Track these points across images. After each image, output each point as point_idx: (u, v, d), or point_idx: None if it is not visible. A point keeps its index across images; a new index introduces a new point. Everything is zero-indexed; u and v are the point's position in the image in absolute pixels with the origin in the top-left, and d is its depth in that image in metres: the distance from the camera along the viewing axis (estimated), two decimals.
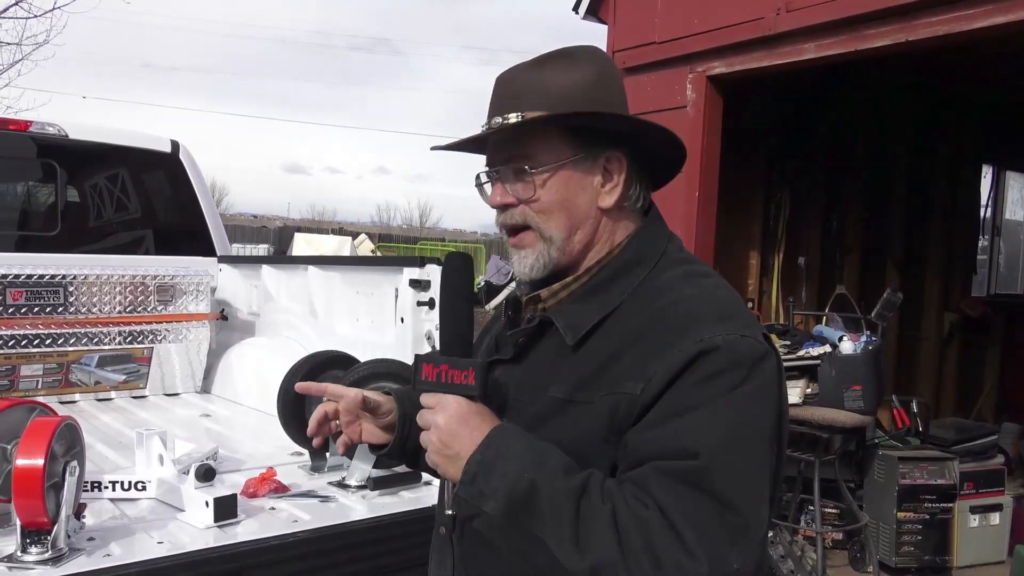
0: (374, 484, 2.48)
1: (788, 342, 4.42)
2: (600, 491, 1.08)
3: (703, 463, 1.06)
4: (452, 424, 1.17)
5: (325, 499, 2.42)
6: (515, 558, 1.14)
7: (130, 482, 2.35)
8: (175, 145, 4.40)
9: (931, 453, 4.68)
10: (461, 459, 1.15)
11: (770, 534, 4.31)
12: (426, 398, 1.20)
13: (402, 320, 3.22)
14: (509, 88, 1.28)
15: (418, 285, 3.17)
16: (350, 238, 22.89)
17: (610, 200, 1.27)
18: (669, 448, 1.08)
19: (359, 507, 2.39)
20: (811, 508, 4.41)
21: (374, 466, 2.50)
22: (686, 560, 1.02)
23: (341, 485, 2.54)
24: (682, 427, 1.08)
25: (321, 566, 2.14)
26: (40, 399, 3.62)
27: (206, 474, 2.18)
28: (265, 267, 4.20)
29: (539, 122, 1.23)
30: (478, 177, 1.35)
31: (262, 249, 23.18)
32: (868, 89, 5.41)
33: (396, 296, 3.29)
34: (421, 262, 3.19)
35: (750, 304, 5.19)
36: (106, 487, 2.34)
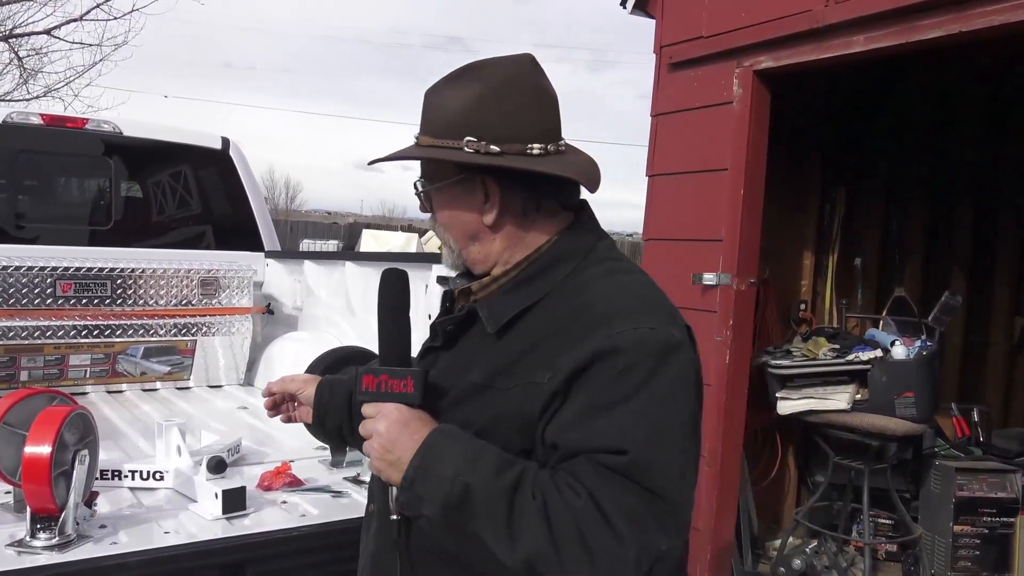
0: None
1: (838, 345, 4.27)
2: (532, 485, 1.13)
3: (630, 458, 1.11)
4: (393, 430, 1.22)
5: (337, 494, 2.43)
6: (457, 552, 1.21)
7: (148, 472, 2.40)
8: (225, 142, 4.50)
9: (992, 464, 4.46)
10: (402, 464, 1.20)
11: (814, 543, 4.18)
12: (367, 408, 1.27)
13: (429, 316, 3.22)
14: (423, 106, 1.37)
15: (445, 282, 3.16)
16: (416, 234, 23.12)
17: (490, 218, 1.33)
18: (597, 443, 1.13)
19: None
20: (863, 518, 4.25)
21: None
22: (615, 545, 1.09)
23: (356, 481, 2.55)
24: (608, 423, 1.13)
25: (325, 560, 2.15)
26: (88, 388, 3.77)
27: (217, 466, 2.22)
28: (307, 263, 4.26)
29: (409, 156, 1.36)
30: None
31: (332, 245, 23.60)
32: (932, 80, 5.17)
33: (426, 292, 3.29)
34: None
35: (803, 306, 5.03)
36: (126, 476, 2.40)
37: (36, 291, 3.56)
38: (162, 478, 2.40)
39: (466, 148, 1.28)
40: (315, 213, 48.53)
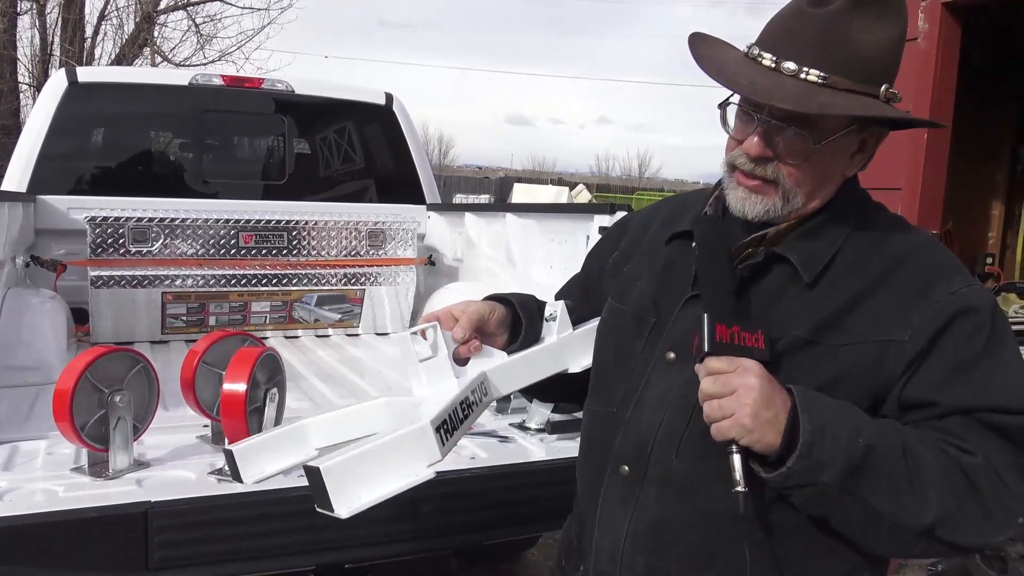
0: (552, 428, 2.51)
1: None
2: (920, 444, 1.12)
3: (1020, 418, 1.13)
4: (766, 386, 1.09)
5: (504, 439, 2.49)
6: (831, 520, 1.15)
7: None
8: (389, 97, 4.61)
9: None
10: (779, 424, 1.08)
11: None
12: (716, 362, 1.10)
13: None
14: (813, 30, 1.15)
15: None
16: (567, 188, 23.11)
17: (855, 169, 1.25)
18: (984, 401, 1.13)
19: (536, 449, 2.43)
20: None
21: (553, 411, 2.53)
22: (1009, 501, 1.11)
23: (521, 427, 2.59)
24: (988, 381, 1.14)
25: (495, 503, 2.21)
26: (268, 333, 4.01)
27: None
28: (468, 215, 4.33)
29: (839, 110, 1.14)
30: (724, 103, 1.25)
31: (483, 199, 23.99)
32: None
33: (587, 243, 3.28)
34: (611, 209, 3.14)
35: (989, 259, 4.67)
36: None
37: (222, 242, 3.80)
38: None
39: (882, 98, 1.17)
40: (466, 168, 49.40)
